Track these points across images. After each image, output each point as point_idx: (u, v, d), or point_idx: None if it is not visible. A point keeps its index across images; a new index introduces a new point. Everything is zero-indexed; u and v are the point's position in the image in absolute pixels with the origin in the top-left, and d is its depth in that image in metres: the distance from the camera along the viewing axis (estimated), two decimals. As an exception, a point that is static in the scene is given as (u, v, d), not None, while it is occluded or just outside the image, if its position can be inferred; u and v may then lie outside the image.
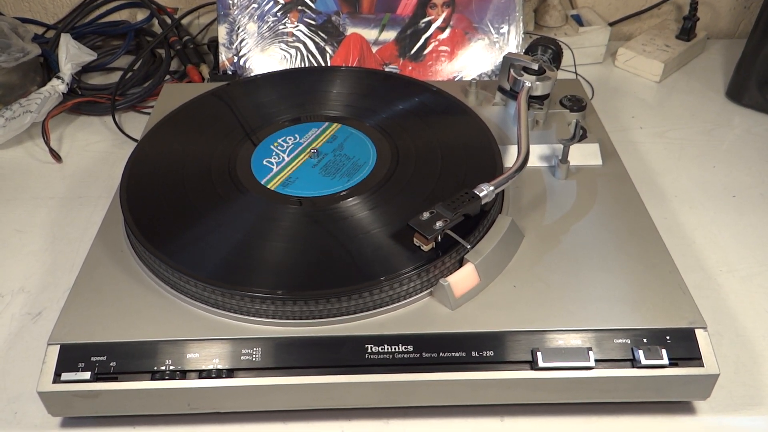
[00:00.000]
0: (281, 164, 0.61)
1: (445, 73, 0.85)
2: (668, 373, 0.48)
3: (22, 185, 0.76)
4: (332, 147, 0.63)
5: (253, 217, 0.56)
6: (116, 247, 0.56)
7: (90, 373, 0.47)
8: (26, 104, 0.81)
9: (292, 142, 0.63)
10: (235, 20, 0.85)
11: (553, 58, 0.72)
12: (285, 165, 0.61)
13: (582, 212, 0.59)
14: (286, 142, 0.63)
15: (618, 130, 0.84)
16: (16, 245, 0.68)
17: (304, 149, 0.63)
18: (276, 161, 0.61)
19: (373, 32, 0.85)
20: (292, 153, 0.62)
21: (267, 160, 0.61)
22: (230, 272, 0.51)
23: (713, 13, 1.05)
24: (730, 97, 0.90)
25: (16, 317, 0.60)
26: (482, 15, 0.84)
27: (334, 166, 0.61)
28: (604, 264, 0.54)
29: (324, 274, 0.51)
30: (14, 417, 0.51)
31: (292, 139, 0.64)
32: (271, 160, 0.61)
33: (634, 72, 0.96)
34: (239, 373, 0.48)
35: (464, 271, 0.51)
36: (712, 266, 0.64)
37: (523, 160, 0.57)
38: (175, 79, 0.93)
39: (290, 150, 0.62)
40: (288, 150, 0.62)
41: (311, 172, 0.60)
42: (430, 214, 0.51)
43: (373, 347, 0.48)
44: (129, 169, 0.61)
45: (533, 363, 0.48)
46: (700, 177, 0.76)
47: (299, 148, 0.63)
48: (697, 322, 0.49)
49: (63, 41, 0.85)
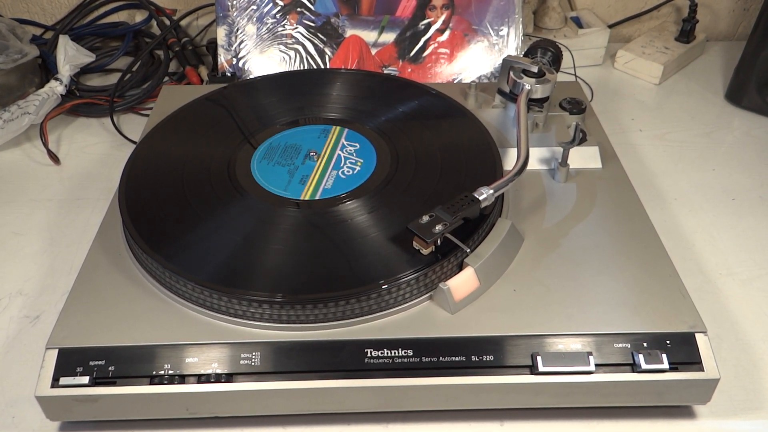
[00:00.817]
0: (302, 174, 0.60)
1: (445, 75, 0.85)
2: (668, 377, 0.48)
3: (20, 187, 0.76)
4: (336, 147, 0.63)
5: (252, 220, 0.56)
6: (115, 250, 0.56)
7: (88, 377, 0.47)
8: (24, 106, 0.81)
9: (295, 151, 0.63)
10: (234, 22, 0.85)
11: (552, 60, 0.72)
12: (306, 174, 0.60)
13: (582, 215, 0.59)
14: (288, 153, 0.63)
15: (617, 132, 0.84)
16: (14, 247, 0.67)
17: (306, 154, 0.63)
18: (290, 171, 0.61)
19: (372, 34, 0.85)
20: (302, 161, 0.62)
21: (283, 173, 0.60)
22: (229, 276, 0.50)
23: (712, 15, 1.05)
24: (729, 100, 0.90)
25: (14, 320, 0.60)
26: (482, 17, 0.84)
27: (348, 164, 0.61)
28: (604, 267, 0.54)
29: (323, 277, 0.50)
30: (12, 421, 0.51)
31: (293, 148, 0.64)
32: (288, 174, 0.60)
33: (634, 74, 0.96)
34: (238, 377, 0.48)
35: (464, 275, 0.51)
36: (712, 269, 0.64)
37: (523, 163, 0.57)
38: (173, 81, 0.93)
39: (298, 159, 0.62)
40: (294, 159, 0.62)
41: (332, 174, 0.60)
42: (430, 218, 0.51)
43: (372, 351, 0.48)
44: (128, 172, 0.61)
45: (533, 367, 0.48)
46: (699, 180, 0.76)
47: (303, 155, 0.63)
48: (698, 327, 0.49)
49: (61, 42, 0.85)
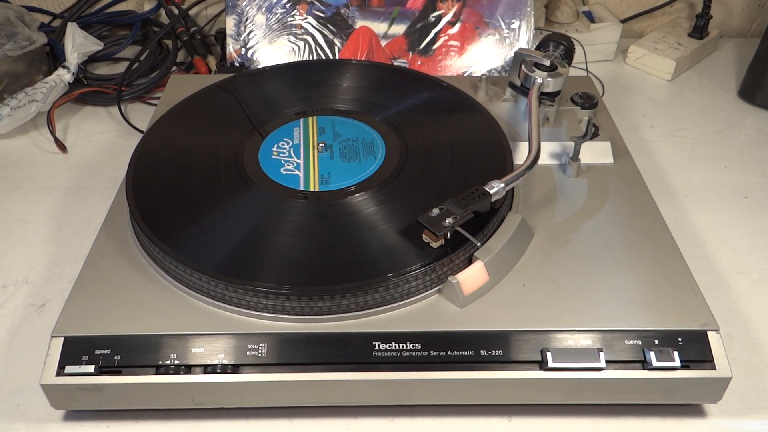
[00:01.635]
0: (301, 168, 0.59)
1: (455, 68, 0.84)
2: (679, 375, 0.47)
3: (27, 175, 0.76)
4: (330, 136, 0.62)
5: (260, 211, 0.55)
6: (121, 239, 0.56)
7: (94, 366, 0.47)
8: (32, 93, 0.81)
9: (290, 146, 0.62)
10: (243, 12, 0.84)
11: (565, 54, 0.71)
12: (306, 167, 0.59)
13: (593, 211, 0.59)
14: (284, 148, 0.62)
15: (628, 128, 0.83)
16: (21, 235, 0.67)
17: (306, 148, 0.62)
18: (293, 167, 0.59)
19: (382, 26, 0.85)
20: (299, 155, 0.61)
21: (284, 169, 0.59)
22: (236, 266, 0.50)
23: (726, 12, 1.03)
24: (742, 97, 0.89)
25: (20, 308, 0.59)
26: (493, 10, 0.83)
27: (349, 151, 0.60)
28: (615, 264, 0.53)
29: (331, 269, 0.50)
30: (17, 409, 0.51)
31: (286, 143, 0.62)
32: (290, 168, 0.59)
33: (645, 70, 0.95)
34: (245, 368, 0.47)
35: (473, 269, 0.50)
36: (724, 267, 0.63)
37: (534, 157, 0.57)
38: (181, 71, 0.92)
39: (295, 153, 0.61)
40: (293, 153, 0.61)
41: (335, 164, 0.59)
42: (440, 211, 0.50)
43: (380, 344, 0.48)
44: (135, 161, 0.61)
45: (542, 363, 0.47)
46: (711, 177, 0.75)
47: (301, 149, 0.62)
48: (710, 324, 0.49)
49: (69, 30, 0.84)
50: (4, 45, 0.81)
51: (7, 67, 0.83)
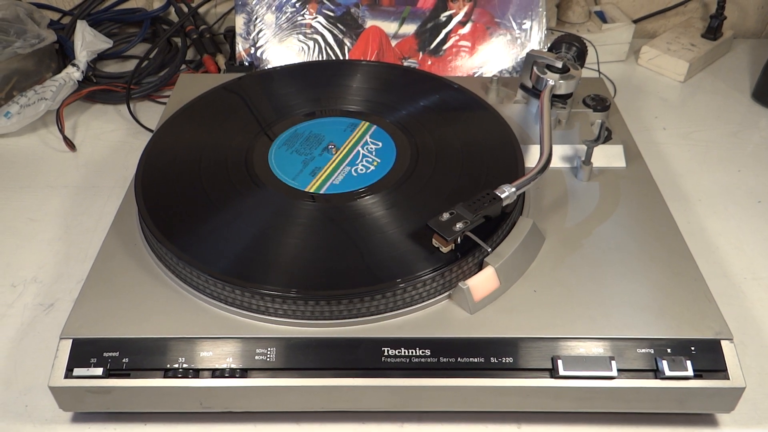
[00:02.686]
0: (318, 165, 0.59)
1: (466, 68, 0.84)
2: (692, 385, 0.47)
3: (36, 173, 0.76)
4: (358, 143, 0.62)
5: (269, 213, 0.55)
6: (130, 239, 0.56)
7: (102, 368, 0.47)
8: (41, 91, 0.81)
9: (314, 143, 0.62)
10: (252, 10, 0.84)
11: (577, 56, 0.70)
12: (321, 166, 0.59)
13: (605, 215, 0.58)
14: (330, 151, 0.61)
15: (640, 130, 0.82)
16: (29, 234, 0.67)
17: (326, 148, 0.62)
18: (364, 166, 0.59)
19: (392, 25, 0.84)
20: (320, 152, 0.61)
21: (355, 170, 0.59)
22: (245, 269, 0.50)
23: (740, 12, 1.02)
24: (756, 99, 0.88)
25: (29, 307, 0.59)
26: (504, 10, 0.83)
27: (367, 161, 0.60)
28: (627, 269, 0.53)
29: (341, 274, 0.50)
30: (25, 410, 0.51)
31: (313, 140, 0.62)
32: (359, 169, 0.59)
33: (658, 71, 0.94)
34: (253, 372, 0.47)
35: (484, 275, 0.50)
36: (737, 273, 0.63)
37: (546, 160, 0.56)
38: (190, 69, 0.92)
39: (317, 150, 0.61)
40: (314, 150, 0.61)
41: (347, 170, 0.59)
42: (450, 215, 0.50)
43: (389, 350, 0.47)
44: (144, 160, 0.60)
45: (553, 371, 0.47)
46: (724, 180, 0.74)
47: (322, 148, 0.62)
48: (724, 333, 0.48)
49: (79, 28, 0.84)
50: (13, 43, 0.81)
51: (17, 64, 0.83)
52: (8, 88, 0.83)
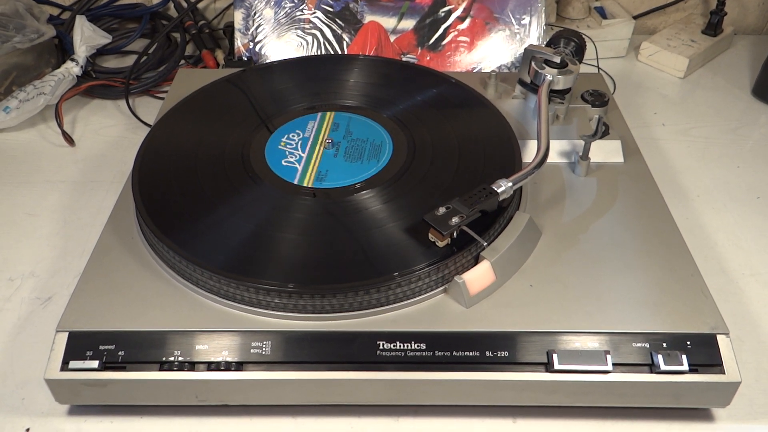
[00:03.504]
0: (302, 161, 0.59)
1: (464, 64, 0.84)
2: (688, 379, 0.46)
3: (35, 168, 0.76)
4: (341, 134, 0.62)
5: (266, 208, 0.55)
6: (127, 234, 0.56)
7: (98, 361, 0.47)
8: (40, 86, 0.81)
9: (299, 138, 0.62)
10: (251, 6, 0.84)
11: (575, 51, 0.70)
12: (306, 161, 0.59)
13: (602, 211, 0.58)
14: (292, 140, 0.62)
15: (639, 126, 0.82)
16: (28, 228, 0.67)
17: (314, 142, 0.61)
18: (295, 159, 0.59)
19: (391, 21, 0.84)
20: (305, 148, 0.61)
21: (285, 161, 0.59)
22: (242, 263, 0.50)
23: (741, 9, 1.02)
24: (756, 95, 0.88)
25: (26, 301, 0.59)
26: (504, 5, 0.82)
27: (354, 151, 0.60)
28: (623, 265, 0.53)
29: (336, 267, 0.50)
30: (22, 403, 0.51)
31: (296, 135, 0.62)
32: (290, 160, 0.59)
33: (658, 67, 0.94)
34: (248, 366, 0.47)
35: (480, 269, 0.50)
36: (735, 269, 0.63)
37: (543, 155, 0.56)
38: (189, 64, 0.92)
39: (301, 146, 0.61)
40: (299, 146, 0.61)
41: (336, 162, 0.59)
42: (446, 210, 0.50)
43: (384, 344, 0.47)
44: (141, 155, 0.60)
45: (548, 365, 0.47)
46: (723, 177, 0.74)
47: (309, 142, 0.61)
48: (719, 328, 0.48)
49: (78, 23, 0.84)
50: (13, 38, 0.81)
51: (16, 59, 0.83)
52: (7, 83, 0.83)
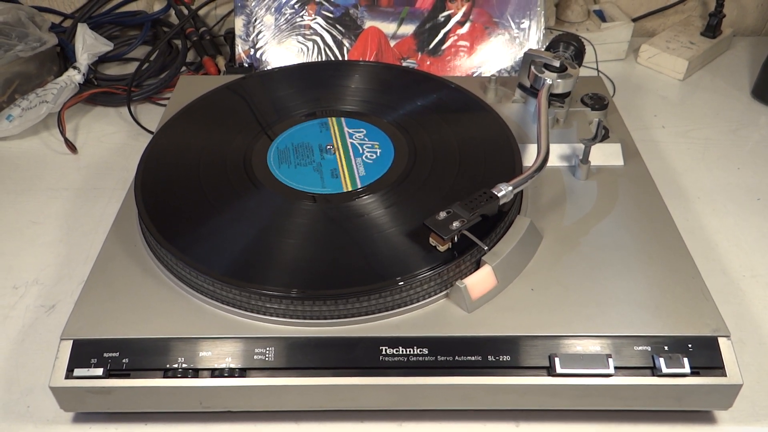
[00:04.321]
0: (329, 169, 0.59)
1: (464, 68, 0.84)
2: (689, 382, 0.47)
3: (38, 176, 0.76)
4: (348, 136, 0.63)
5: (268, 214, 0.55)
6: (130, 241, 0.56)
7: (102, 369, 0.47)
8: (42, 94, 0.81)
9: (310, 147, 0.62)
10: (252, 12, 0.84)
11: (575, 55, 0.70)
12: (331, 168, 0.60)
13: (602, 214, 0.58)
14: (303, 149, 0.62)
15: (639, 128, 0.82)
16: (31, 236, 0.68)
17: (321, 148, 0.62)
18: (314, 166, 0.60)
19: (391, 26, 0.84)
20: (319, 156, 0.61)
21: (308, 173, 0.59)
22: (245, 270, 0.50)
23: (740, 10, 1.02)
24: (755, 96, 0.88)
25: (30, 309, 0.60)
26: (503, 9, 0.83)
27: (370, 152, 0.61)
28: (624, 268, 0.53)
29: (338, 273, 0.50)
30: (27, 410, 0.51)
31: (305, 146, 0.63)
32: (314, 173, 0.59)
33: (657, 69, 0.94)
34: (252, 372, 0.47)
35: (481, 273, 0.50)
36: (735, 271, 0.63)
37: (543, 159, 0.56)
38: (191, 71, 0.92)
39: (316, 155, 0.61)
40: (310, 152, 0.62)
41: (358, 163, 0.60)
42: (447, 214, 0.50)
43: (387, 349, 0.48)
44: (144, 162, 0.61)
45: (551, 369, 0.47)
46: (723, 178, 0.74)
47: (317, 149, 0.62)
48: (721, 331, 0.48)
49: (80, 31, 0.85)
50: (15, 46, 0.82)
51: (19, 68, 0.83)
52: (10, 91, 0.83)
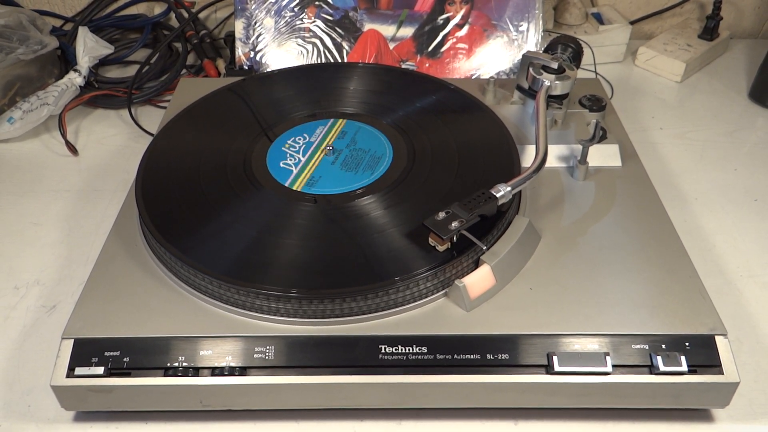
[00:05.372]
0: (299, 165, 0.60)
1: (463, 70, 0.84)
2: (687, 380, 0.47)
3: (39, 178, 0.76)
4: (345, 142, 0.63)
5: (268, 215, 0.55)
6: (131, 241, 0.56)
7: (103, 368, 0.47)
8: (44, 97, 0.82)
9: (303, 142, 0.63)
10: (252, 15, 0.85)
11: (573, 56, 0.71)
12: (303, 165, 0.60)
13: (600, 214, 0.58)
14: (297, 143, 0.63)
15: (638, 130, 0.83)
16: (32, 237, 0.68)
17: (317, 148, 0.62)
18: (293, 162, 0.60)
19: (390, 28, 0.85)
20: (306, 153, 0.61)
21: (284, 163, 0.60)
22: (244, 269, 0.50)
23: (737, 13, 1.03)
24: (753, 99, 0.89)
25: (31, 309, 0.60)
26: (501, 12, 0.83)
27: (352, 160, 0.60)
28: (622, 267, 0.53)
29: (338, 273, 0.50)
30: (28, 410, 0.52)
31: (302, 139, 0.63)
32: (288, 162, 0.60)
33: (655, 72, 0.94)
34: (252, 371, 0.48)
35: (480, 273, 0.50)
36: (733, 271, 0.63)
37: (541, 160, 0.56)
38: (191, 74, 0.93)
39: (303, 150, 0.62)
40: (301, 150, 0.62)
41: (332, 169, 0.59)
42: (446, 214, 0.50)
43: (386, 348, 0.48)
44: (144, 164, 0.61)
45: (549, 367, 0.47)
46: (721, 179, 0.75)
47: (312, 147, 0.62)
48: (718, 329, 0.48)
49: (80, 34, 0.85)
50: (16, 49, 0.82)
51: (20, 70, 0.84)
52: (11, 93, 0.84)
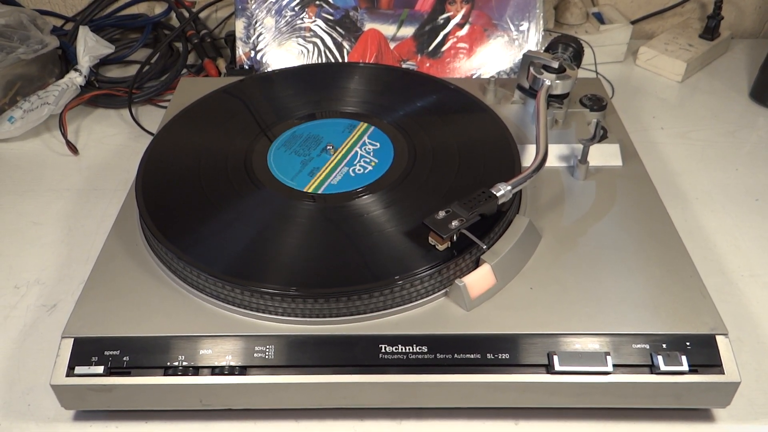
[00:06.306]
0: (304, 162, 0.60)
1: (464, 70, 0.84)
2: (688, 379, 0.47)
3: (39, 177, 0.76)
4: (356, 145, 0.63)
5: (268, 214, 0.55)
6: (131, 240, 0.56)
7: (103, 367, 0.47)
8: (44, 96, 0.82)
9: (309, 142, 0.63)
10: (252, 14, 0.85)
11: (573, 56, 0.71)
12: (306, 164, 0.60)
13: (601, 214, 0.58)
14: (301, 141, 0.63)
15: (638, 130, 0.82)
16: (33, 236, 0.68)
17: (322, 148, 0.62)
18: (297, 161, 0.60)
19: (391, 28, 0.85)
20: (311, 152, 0.62)
21: (285, 162, 0.60)
22: (245, 268, 0.50)
23: (738, 12, 1.02)
24: (753, 98, 0.88)
25: (32, 309, 0.60)
26: (502, 12, 0.83)
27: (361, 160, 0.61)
28: (623, 267, 0.53)
29: (338, 272, 0.50)
30: (28, 409, 0.52)
31: (308, 138, 0.63)
32: (291, 162, 0.60)
33: (656, 71, 0.94)
34: (252, 370, 0.47)
35: (480, 272, 0.50)
36: (734, 271, 0.63)
37: (542, 159, 0.56)
38: (191, 73, 0.93)
39: (306, 150, 0.62)
40: (305, 150, 0.62)
41: (338, 170, 0.60)
42: (446, 213, 0.50)
43: (386, 347, 0.48)
44: (145, 163, 0.61)
45: (549, 366, 0.47)
46: (722, 179, 0.75)
47: (317, 147, 0.62)
48: (718, 329, 0.48)
49: (81, 34, 0.85)
50: (17, 48, 0.82)
51: (20, 70, 0.84)
52: (12, 93, 0.84)
